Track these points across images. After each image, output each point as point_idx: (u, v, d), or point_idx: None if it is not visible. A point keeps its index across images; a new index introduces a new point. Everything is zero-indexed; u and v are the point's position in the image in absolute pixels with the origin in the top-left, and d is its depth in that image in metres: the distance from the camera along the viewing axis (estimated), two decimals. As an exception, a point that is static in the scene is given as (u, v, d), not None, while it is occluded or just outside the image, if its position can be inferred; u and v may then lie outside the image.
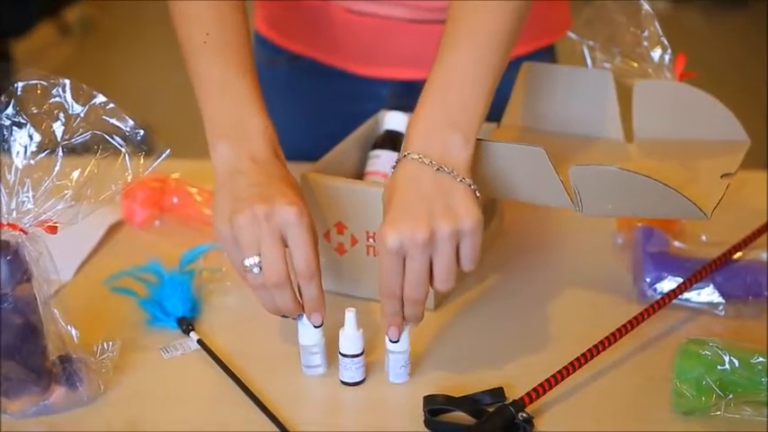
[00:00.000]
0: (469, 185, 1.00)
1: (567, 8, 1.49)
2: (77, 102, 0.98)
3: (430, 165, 1.00)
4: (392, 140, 1.30)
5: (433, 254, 0.98)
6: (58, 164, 0.97)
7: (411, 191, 1.00)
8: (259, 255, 0.99)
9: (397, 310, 1.01)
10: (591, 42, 1.29)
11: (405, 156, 1.02)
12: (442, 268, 0.99)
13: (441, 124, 1.02)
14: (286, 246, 1.00)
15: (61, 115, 0.98)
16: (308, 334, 1.04)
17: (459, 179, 1.00)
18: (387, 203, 1.01)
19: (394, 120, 1.32)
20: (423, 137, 1.02)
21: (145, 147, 1.00)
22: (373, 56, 1.42)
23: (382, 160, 1.28)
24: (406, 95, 1.41)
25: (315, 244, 1.01)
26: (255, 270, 0.99)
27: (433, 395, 0.99)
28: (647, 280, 1.17)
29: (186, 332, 1.11)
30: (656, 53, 1.26)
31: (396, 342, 1.02)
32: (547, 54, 1.48)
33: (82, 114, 0.98)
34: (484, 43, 1.05)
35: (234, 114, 1.06)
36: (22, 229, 0.96)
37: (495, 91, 1.06)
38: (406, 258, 0.98)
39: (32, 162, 0.97)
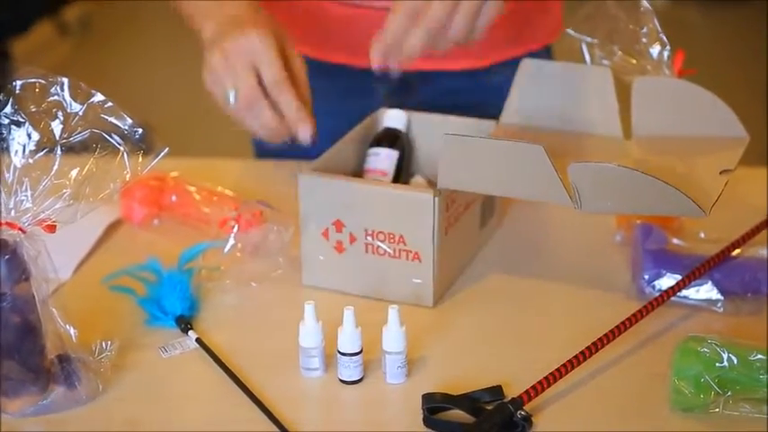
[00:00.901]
0: None
1: (558, 14, 1.49)
2: (76, 100, 0.98)
3: None
4: (391, 138, 1.30)
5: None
6: (57, 162, 0.97)
7: None
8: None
9: (402, 33, 1.09)
10: (589, 39, 1.29)
11: None
12: (467, 14, 1.08)
13: None
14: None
15: (60, 114, 0.98)
16: (309, 336, 1.04)
17: None
18: None
19: (392, 117, 1.32)
20: None
21: (143, 145, 1.00)
22: (368, 47, 1.42)
23: (381, 158, 1.28)
24: (402, 91, 1.41)
25: (281, 63, 1.08)
26: (232, 98, 1.07)
27: (431, 393, 0.99)
28: (646, 277, 1.17)
29: (185, 331, 1.11)
30: (655, 50, 1.26)
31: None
32: (543, 57, 1.48)
33: (80, 113, 0.98)
34: None
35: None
36: (20, 228, 0.96)
37: None
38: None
39: (31, 161, 0.96)
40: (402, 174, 1.30)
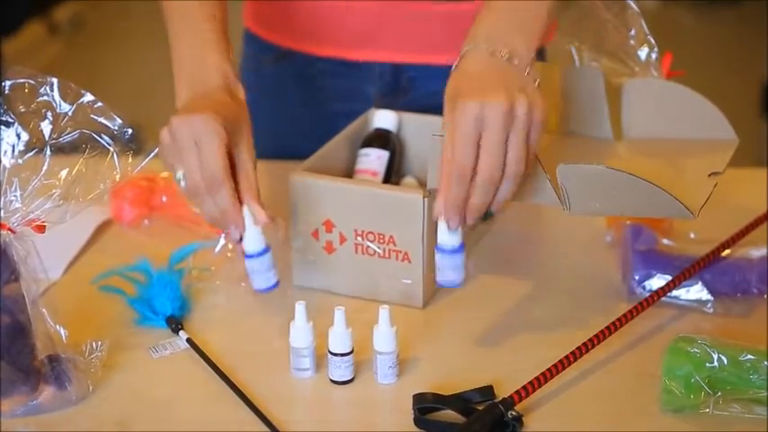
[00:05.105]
0: (536, 82, 1.01)
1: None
2: (65, 101, 0.98)
3: (500, 56, 1.01)
4: (381, 139, 1.30)
5: (510, 131, 0.97)
6: (46, 163, 0.97)
7: (486, 72, 1.00)
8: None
9: (462, 198, 0.98)
10: (577, 42, 1.29)
11: (473, 47, 1.02)
12: (520, 145, 0.97)
13: (504, 29, 1.03)
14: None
15: (49, 114, 0.97)
16: (300, 336, 1.04)
17: (528, 74, 1.01)
18: (458, 88, 1.00)
19: (383, 118, 1.32)
20: (486, 36, 1.02)
21: (133, 145, 1.00)
22: (365, 40, 1.42)
23: (372, 158, 1.28)
24: (391, 94, 1.42)
25: (223, 151, 1.01)
26: (182, 183, 1.02)
27: (422, 393, 0.99)
28: (636, 278, 1.17)
29: (175, 331, 1.11)
30: (643, 52, 1.26)
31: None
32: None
33: (70, 113, 0.98)
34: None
35: (196, 55, 1.10)
36: (9, 229, 0.96)
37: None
38: (483, 134, 0.97)
39: (20, 161, 0.96)
40: (392, 174, 1.30)
